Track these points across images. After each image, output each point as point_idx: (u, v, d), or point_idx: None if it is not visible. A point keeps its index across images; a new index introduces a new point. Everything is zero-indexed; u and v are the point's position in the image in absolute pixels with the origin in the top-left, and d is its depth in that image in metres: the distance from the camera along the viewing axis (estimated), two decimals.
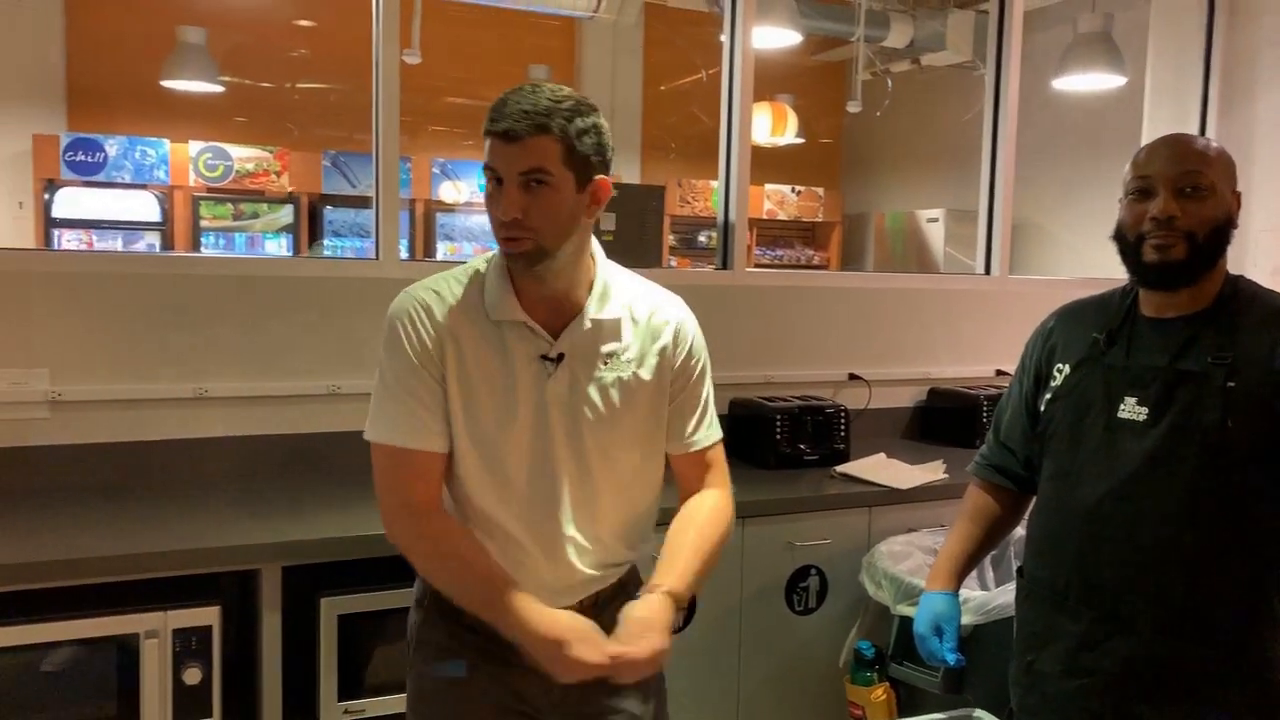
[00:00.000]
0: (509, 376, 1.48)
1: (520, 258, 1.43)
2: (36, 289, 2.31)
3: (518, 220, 1.40)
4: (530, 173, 1.39)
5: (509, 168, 1.39)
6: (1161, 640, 1.53)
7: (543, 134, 1.38)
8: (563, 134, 1.39)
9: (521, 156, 1.39)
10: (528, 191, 1.39)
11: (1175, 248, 1.55)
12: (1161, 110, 3.83)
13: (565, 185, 1.41)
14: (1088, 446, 1.62)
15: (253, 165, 5.83)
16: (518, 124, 1.38)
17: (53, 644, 1.88)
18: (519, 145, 1.38)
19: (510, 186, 1.40)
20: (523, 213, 1.39)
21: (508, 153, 1.39)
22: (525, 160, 1.39)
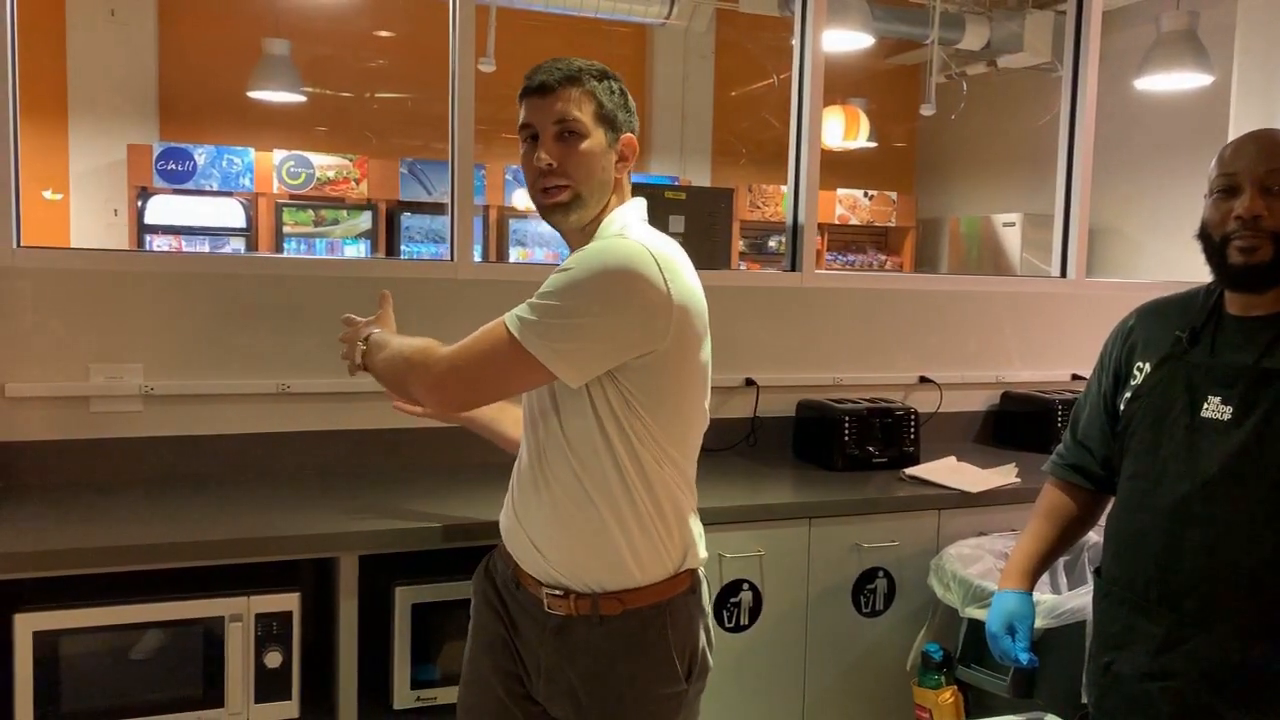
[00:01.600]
0: None
1: (557, 208, 1.49)
2: (130, 289, 2.42)
3: (553, 167, 1.46)
4: (564, 122, 1.47)
5: (544, 119, 1.47)
6: (1244, 643, 1.49)
7: (575, 85, 1.47)
8: (591, 90, 1.48)
9: (556, 107, 1.47)
10: (562, 142, 1.47)
11: (1261, 249, 1.51)
12: (1249, 109, 3.71)
13: (598, 138, 1.49)
14: (1169, 446, 1.59)
15: (333, 173, 6.01)
16: (550, 76, 1.47)
17: (143, 625, 1.96)
18: (553, 96, 1.47)
19: (546, 138, 1.47)
20: (559, 160, 1.46)
21: (542, 105, 1.47)
22: (560, 110, 1.47)
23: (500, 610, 1.66)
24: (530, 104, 1.49)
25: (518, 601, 1.63)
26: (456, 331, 1.62)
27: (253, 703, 2.02)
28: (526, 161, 1.51)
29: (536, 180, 1.50)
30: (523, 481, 1.60)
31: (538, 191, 1.50)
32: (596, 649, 1.53)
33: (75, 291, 2.38)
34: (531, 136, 1.50)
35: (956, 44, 6.13)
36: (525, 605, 1.61)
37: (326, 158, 5.99)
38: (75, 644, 1.92)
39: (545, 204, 1.50)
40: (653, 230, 1.54)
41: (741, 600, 2.38)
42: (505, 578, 1.66)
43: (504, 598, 1.66)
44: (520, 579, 1.61)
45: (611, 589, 1.53)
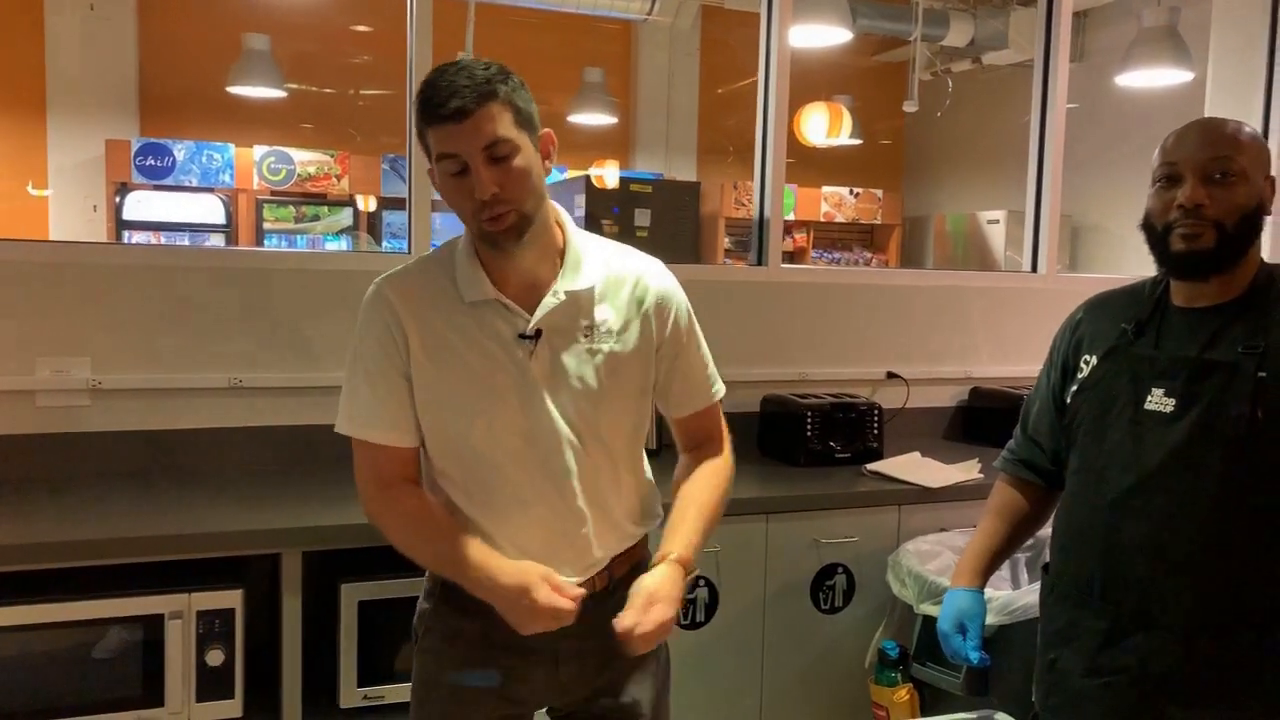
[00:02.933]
0: (492, 355, 1.45)
1: (507, 234, 1.39)
2: (78, 281, 2.40)
3: (498, 195, 1.36)
4: (493, 145, 1.36)
5: (471, 146, 1.35)
6: (1186, 638, 1.47)
7: (492, 101, 1.35)
8: (506, 98, 1.37)
9: (481, 129, 1.35)
10: (496, 165, 1.36)
11: (1203, 236, 1.49)
12: (1224, 105, 3.69)
13: (527, 148, 1.39)
14: (1113, 439, 1.57)
15: (315, 169, 5.98)
16: (465, 100, 1.34)
17: (80, 622, 1.94)
18: (473, 120, 1.34)
19: (478, 166, 1.36)
20: (500, 186, 1.36)
21: (463, 132, 1.34)
22: (486, 133, 1.35)
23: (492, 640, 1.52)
24: (447, 132, 1.35)
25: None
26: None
27: (194, 702, 2.00)
28: (456, 193, 1.39)
29: (478, 211, 1.38)
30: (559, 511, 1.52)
31: (481, 220, 1.38)
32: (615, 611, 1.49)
33: (19, 283, 2.35)
34: (457, 170, 1.37)
35: (941, 41, 6.11)
36: None
37: (308, 154, 5.97)
38: (10, 643, 1.90)
39: (494, 230, 1.39)
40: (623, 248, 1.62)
41: (697, 597, 2.36)
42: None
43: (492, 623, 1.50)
44: None
45: (618, 551, 1.57)
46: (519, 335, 1.45)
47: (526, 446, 1.47)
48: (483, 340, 1.45)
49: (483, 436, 1.47)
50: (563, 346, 1.47)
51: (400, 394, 1.46)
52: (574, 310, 1.48)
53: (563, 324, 1.47)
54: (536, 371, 1.46)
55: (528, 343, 1.45)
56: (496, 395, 1.46)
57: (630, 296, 1.52)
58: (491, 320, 1.45)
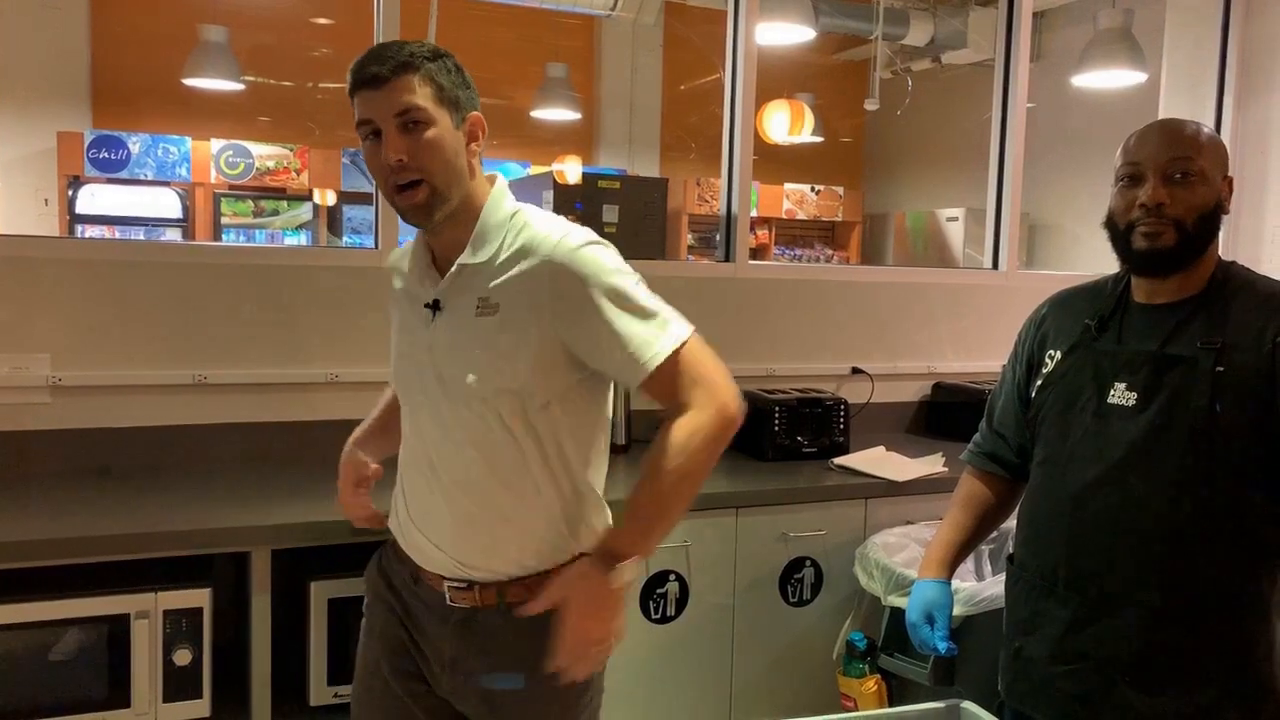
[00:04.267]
0: (409, 325, 1.55)
1: (416, 210, 1.41)
2: (38, 275, 2.35)
3: (403, 162, 1.38)
4: (406, 113, 1.38)
5: (384, 112, 1.38)
6: (1148, 624, 1.51)
7: (409, 72, 1.38)
8: (428, 73, 1.40)
9: (393, 98, 1.37)
10: (407, 133, 1.38)
11: (1164, 235, 1.53)
12: (1177, 105, 3.77)
13: (444, 123, 1.41)
14: (1077, 432, 1.61)
15: (273, 163, 5.91)
16: (382, 67, 1.38)
17: (44, 623, 1.90)
18: (388, 87, 1.37)
19: (389, 131, 1.38)
20: (408, 154, 1.38)
21: (377, 97, 1.38)
22: (398, 100, 1.37)
23: (397, 608, 1.61)
24: (364, 98, 1.39)
25: (418, 598, 1.58)
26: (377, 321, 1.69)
27: (160, 702, 1.97)
28: (373, 160, 1.41)
29: (389, 179, 1.39)
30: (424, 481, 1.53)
31: (392, 191, 1.40)
32: (503, 638, 1.50)
33: None
34: (373, 133, 1.40)
35: (901, 40, 6.17)
36: (426, 601, 1.57)
37: (266, 147, 5.89)
38: None
39: (404, 205, 1.41)
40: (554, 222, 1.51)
41: (668, 591, 2.37)
42: (400, 575, 1.61)
43: (401, 595, 1.61)
44: (420, 574, 1.57)
45: (518, 575, 1.49)
46: (424, 304, 1.50)
47: (408, 418, 1.57)
48: (406, 305, 1.56)
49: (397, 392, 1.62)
50: (455, 320, 1.46)
51: None
52: (472, 284, 1.44)
53: (459, 298, 1.46)
54: (430, 340, 1.49)
55: (428, 312, 1.49)
56: (402, 358, 1.57)
57: (528, 271, 1.41)
58: (414, 287, 1.54)
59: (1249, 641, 1.49)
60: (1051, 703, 1.62)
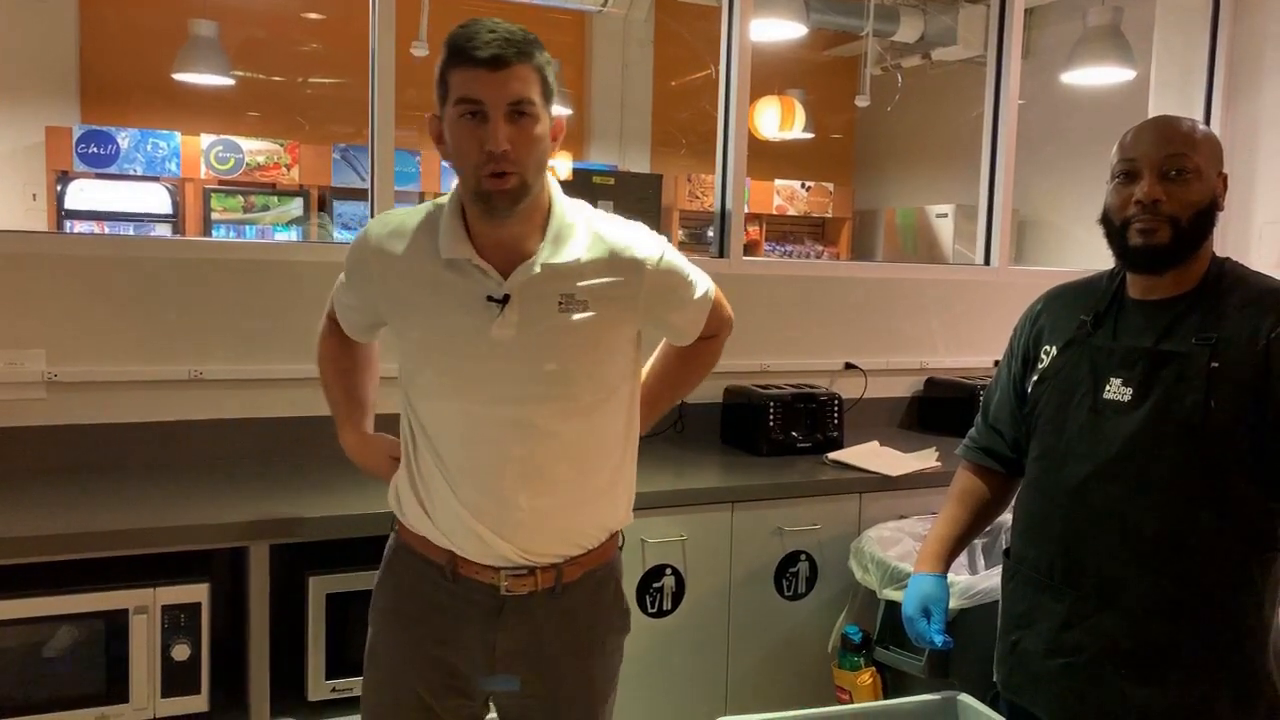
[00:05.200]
0: (458, 314, 1.45)
1: (505, 195, 1.38)
2: (33, 271, 2.34)
3: (507, 153, 1.35)
4: (519, 103, 1.35)
5: (497, 97, 1.34)
6: (1144, 618, 1.53)
7: (527, 62, 1.36)
8: (539, 66, 1.38)
9: (510, 86, 1.34)
10: (512, 123, 1.36)
11: (1159, 232, 1.54)
12: (1166, 103, 3.80)
13: (543, 118, 1.39)
14: (1073, 427, 1.62)
15: (263, 158, 5.88)
16: (505, 50, 1.33)
17: (42, 619, 1.90)
18: (507, 73, 1.34)
19: (497, 118, 1.35)
20: (511, 145, 1.35)
21: (495, 81, 1.33)
22: (514, 90, 1.34)
23: (426, 609, 1.55)
24: (477, 77, 1.33)
25: (454, 595, 1.53)
26: None
27: (159, 697, 1.97)
28: (467, 138, 1.36)
29: (483, 163, 1.36)
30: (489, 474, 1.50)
31: (484, 174, 1.36)
32: (555, 619, 1.53)
33: None
34: (472, 113, 1.35)
35: (892, 36, 6.19)
36: (467, 595, 1.52)
37: (256, 143, 5.86)
38: None
39: (492, 189, 1.37)
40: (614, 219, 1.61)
41: (664, 585, 2.38)
42: (428, 574, 1.55)
43: (427, 599, 1.55)
44: (460, 567, 1.52)
45: (574, 555, 1.53)
46: (487, 298, 1.44)
47: (465, 414, 1.47)
48: (448, 298, 1.45)
49: (430, 393, 1.49)
50: (534, 314, 1.44)
51: (358, 313, 1.64)
52: (553, 281, 1.46)
53: (538, 292, 1.45)
54: (497, 335, 1.44)
55: (495, 306, 1.43)
56: (451, 354, 1.46)
57: (625, 281, 1.49)
58: (460, 280, 1.45)
59: (1243, 633, 1.51)
60: (1047, 695, 1.64)
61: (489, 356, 1.44)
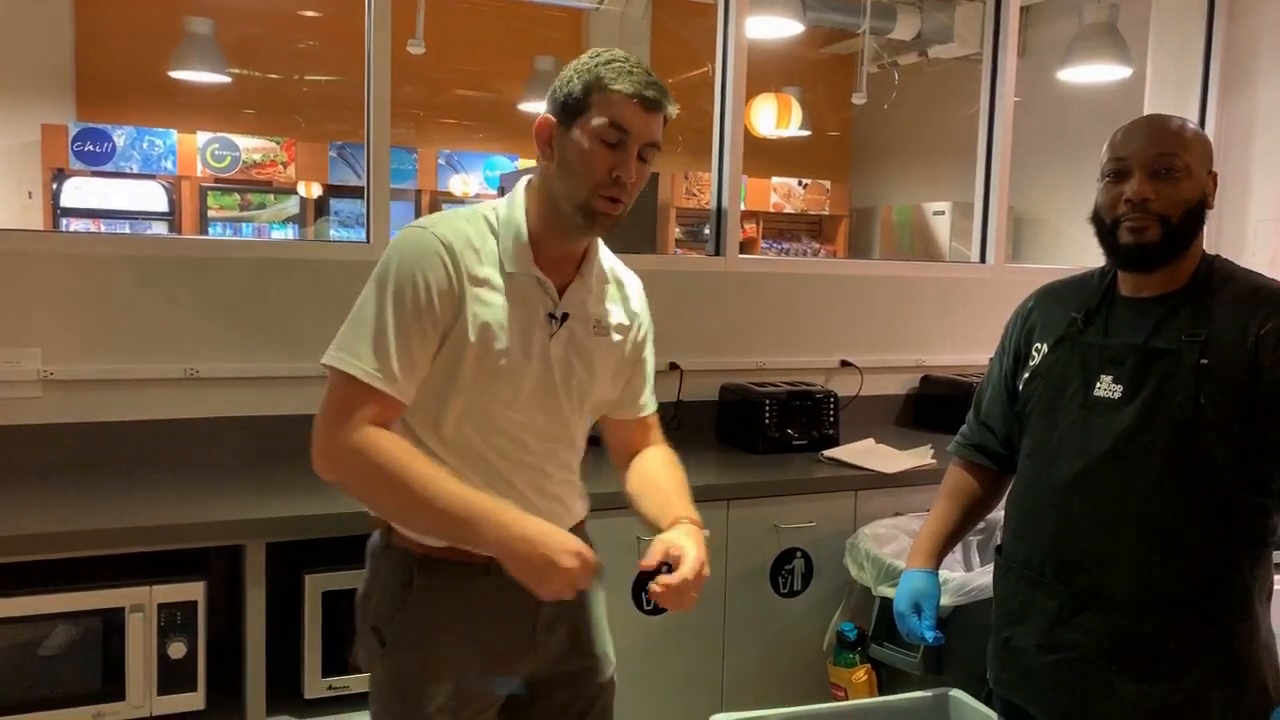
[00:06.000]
0: (524, 329, 1.47)
1: (607, 220, 1.45)
2: (28, 270, 2.34)
3: (628, 186, 1.44)
4: (653, 144, 1.46)
5: (644, 133, 1.43)
6: (1134, 614, 1.54)
7: (667, 110, 1.46)
8: (668, 116, 1.48)
9: (654, 127, 1.45)
10: (642, 161, 1.46)
11: (1149, 230, 1.55)
12: (1162, 100, 3.81)
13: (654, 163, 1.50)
14: (1064, 424, 1.63)
15: (260, 156, 5.88)
16: (662, 96, 1.44)
17: (39, 617, 1.90)
18: (656, 116, 1.44)
19: (632, 153, 1.43)
20: (636, 179, 1.45)
21: (647, 120, 1.43)
22: (655, 131, 1.45)
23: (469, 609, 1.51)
24: (634, 110, 1.41)
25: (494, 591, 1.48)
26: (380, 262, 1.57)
27: (155, 695, 1.98)
28: (599, 158, 1.41)
29: (607, 186, 1.42)
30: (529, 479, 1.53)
31: (599, 197, 1.42)
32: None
33: None
34: (620, 139, 1.42)
35: (888, 34, 6.19)
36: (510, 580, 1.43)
37: (253, 140, 5.86)
38: None
39: (605, 211, 1.43)
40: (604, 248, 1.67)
41: None
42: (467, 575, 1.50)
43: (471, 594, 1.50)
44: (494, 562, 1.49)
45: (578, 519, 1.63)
46: (548, 314, 1.50)
47: (528, 424, 1.50)
48: (515, 311, 1.47)
49: (494, 404, 1.47)
50: (579, 334, 1.54)
51: (429, 350, 1.42)
52: (589, 301, 1.56)
53: (582, 312, 1.54)
54: (554, 353, 1.51)
55: (553, 323, 1.50)
56: (516, 368, 1.47)
57: (626, 301, 1.62)
58: (527, 294, 1.49)
59: (1232, 628, 1.52)
60: (1040, 691, 1.65)
61: (543, 372, 1.50)
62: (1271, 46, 3.63)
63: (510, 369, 1.46)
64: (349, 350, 1.40)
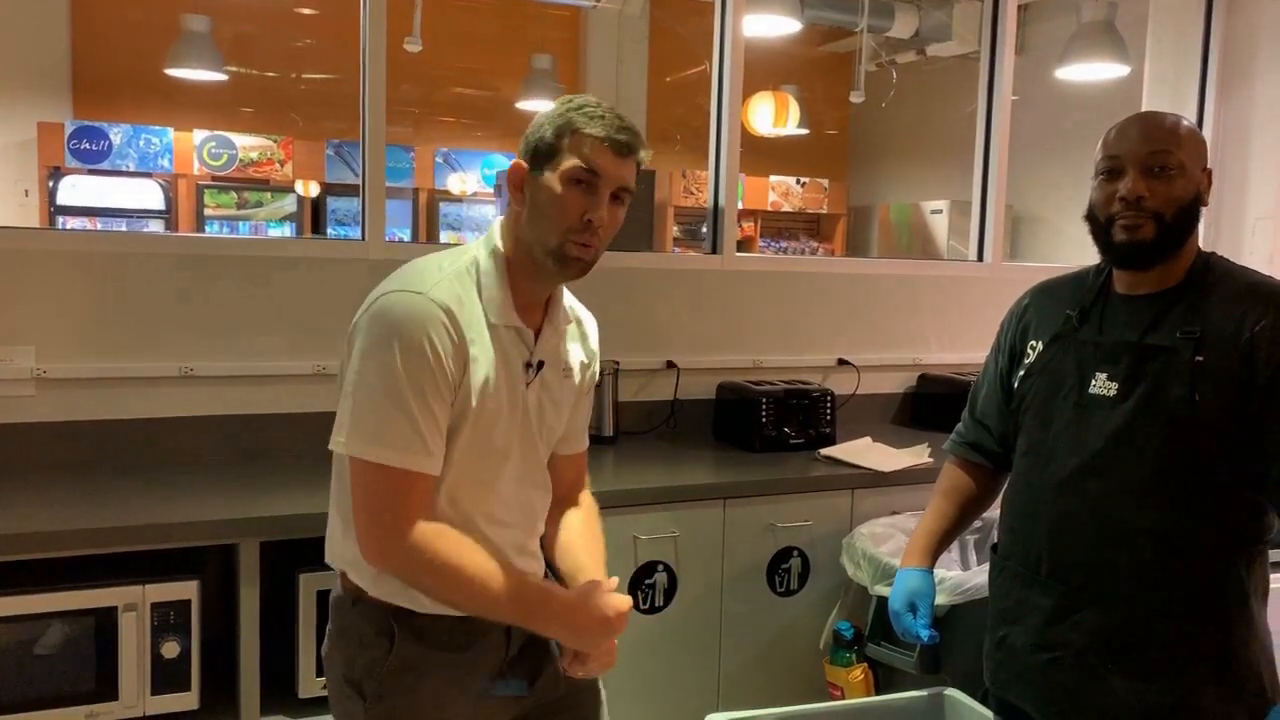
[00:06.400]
0: (509, 381, 1.46)
1: (581, 264, 1.44)
2: (22, 267, 2.33)
3: (599, 231, 1.43)
4: (625, 190, 1.45)
5: (615, 177, 1.42)
6: (1129, 613, 1.53)
7: (639, 154, 1.46)
8: (640, 160, 1.47)
9: (626, 172, 1.44)
10: (611, 205, 1.44)
11: (1143, 228, 1.55)
12: (1160, 99, 3.80)
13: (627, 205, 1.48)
14: (1059, 422, 1.63)
15: (257, 154, 5.87)
16: (634, 140, 1.43)
17: (32, 616, 1.90)
18: (628, 160, 1.43)
19: (604, 197, 1.42)
20: (608, 224, 1.44)
21: (618, 163, 1.42)
22: (627, 176, 1.44)
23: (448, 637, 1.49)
24: (605, 155, 1.40)
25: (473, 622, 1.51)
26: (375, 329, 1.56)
27: (149, 695, 1.97)
28: (570, 201, 1.40)
29: (579, 231, 1.41)
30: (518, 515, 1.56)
31: (571, 242, 1.41)
32: None
33: None
34: (584, 182, 1.41)
35: (886, 32, 6.18)
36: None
37: (250, 138, 5.85)
38: None
39: (577, 255, 1.42)
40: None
41: (656, 582, 2.38)
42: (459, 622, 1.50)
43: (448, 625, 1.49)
44: None
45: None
46: (524, 363, 1.49)
47: (513, 468, 1.51)
48: (502, 364, 1.45)
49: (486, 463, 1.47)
50: (550, 380, 1.54)
51: (445, 418, 1.39)
52: (560, 346, 1.56)
53: (552, 358, 1.54)
54: (529, 401, 1.50)
55: (529, 372, 1.50)
56: (502, 419, 1.47)
57: (585, 340, 1.64)
58: (508, 345, 1.47)
59: (1228, 627, 1.51)
60: (1035, 690, 1.64)
61: (522, 419, 1.50)
62: (1269, 45, 3.62)
63: (499, 422, 1.46)
64: (376, 438, 1.36)
